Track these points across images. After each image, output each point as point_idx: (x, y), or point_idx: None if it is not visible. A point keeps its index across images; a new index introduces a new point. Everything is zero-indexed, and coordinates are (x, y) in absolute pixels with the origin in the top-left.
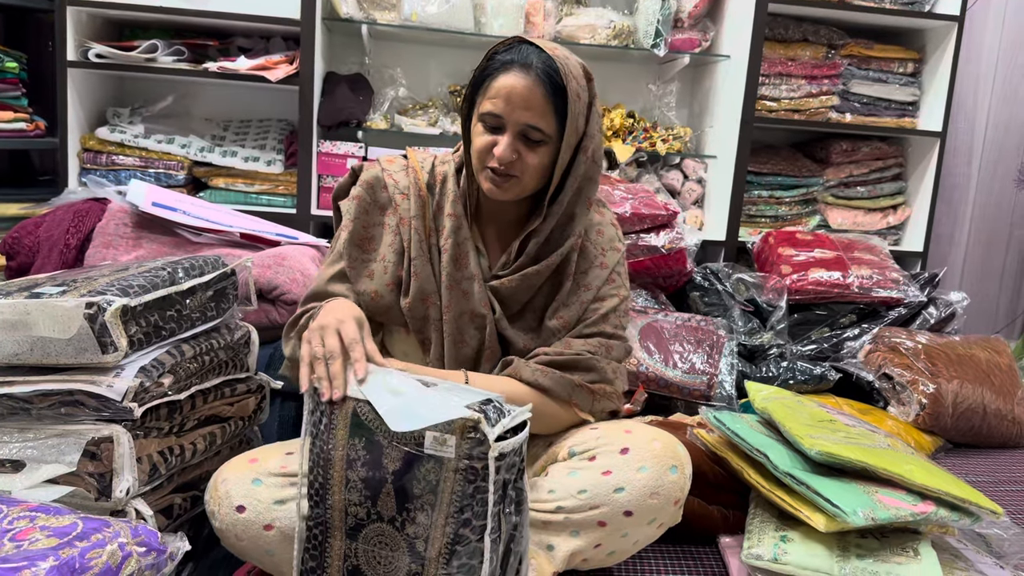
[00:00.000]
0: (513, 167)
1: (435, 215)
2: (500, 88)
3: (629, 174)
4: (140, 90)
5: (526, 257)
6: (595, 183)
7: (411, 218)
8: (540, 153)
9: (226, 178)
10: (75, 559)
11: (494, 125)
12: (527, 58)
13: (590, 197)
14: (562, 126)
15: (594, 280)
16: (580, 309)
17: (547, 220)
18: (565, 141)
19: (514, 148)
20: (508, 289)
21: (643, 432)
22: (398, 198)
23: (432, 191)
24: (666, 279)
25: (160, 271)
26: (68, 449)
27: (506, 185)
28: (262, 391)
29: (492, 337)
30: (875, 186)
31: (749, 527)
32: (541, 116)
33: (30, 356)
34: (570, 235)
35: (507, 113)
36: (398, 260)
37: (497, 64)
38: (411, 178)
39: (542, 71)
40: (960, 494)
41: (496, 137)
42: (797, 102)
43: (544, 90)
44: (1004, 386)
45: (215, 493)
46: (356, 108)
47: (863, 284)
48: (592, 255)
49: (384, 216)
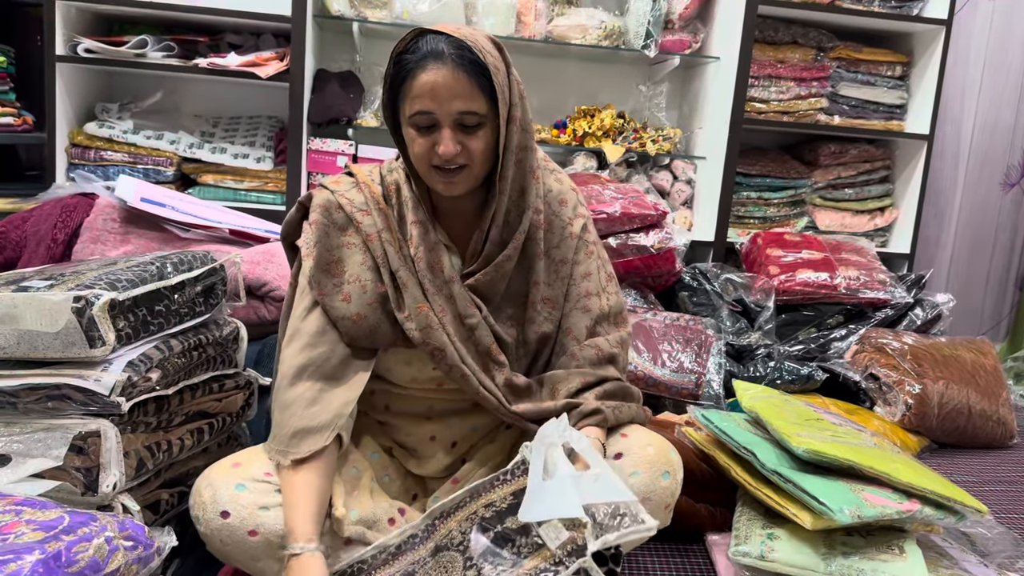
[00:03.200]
0: (459, 158)
1: (399, 225)
2: (422, 86)
3: (619, 174)
4: (129, 85)
5: (491, 244)
6: (532, 150)
7: (379, 231)
8: (481, 136)
9: (215, 175)
10: (62, 552)
11: (427, 124)
12: (437, 47)
13: (533, 166)
14: (493, 103)
15: (567, 252)
16: (563, 286)
17: (500, 199)
18: (501, 116)
19: (455, 140)
20: (484, 283)
21: (639, 437)
22: (358, 216)
23: (389, 202)
24: (655, 279)
25: (148, 266)
26: (54, 443)
27: (457, 179)
28: (250, 387)
29: (487, 335)
30: (863, 188)
31: (736, 525)
32: (472, 100)
33: (17, 350)
34: (526, 208)
35: (437, 108)
36: (375, 277)
37: (410, 64)
38: (366, 193)
39: (457, 56)
40: (945, 493)
41: (433, 136)
42: (786, 104)
43: (466, 73)
44: (989, 387)
45: (199, 498)
46: (346, 106)
47: (850, 285)
48: (558, 227)
49: (345, 236)
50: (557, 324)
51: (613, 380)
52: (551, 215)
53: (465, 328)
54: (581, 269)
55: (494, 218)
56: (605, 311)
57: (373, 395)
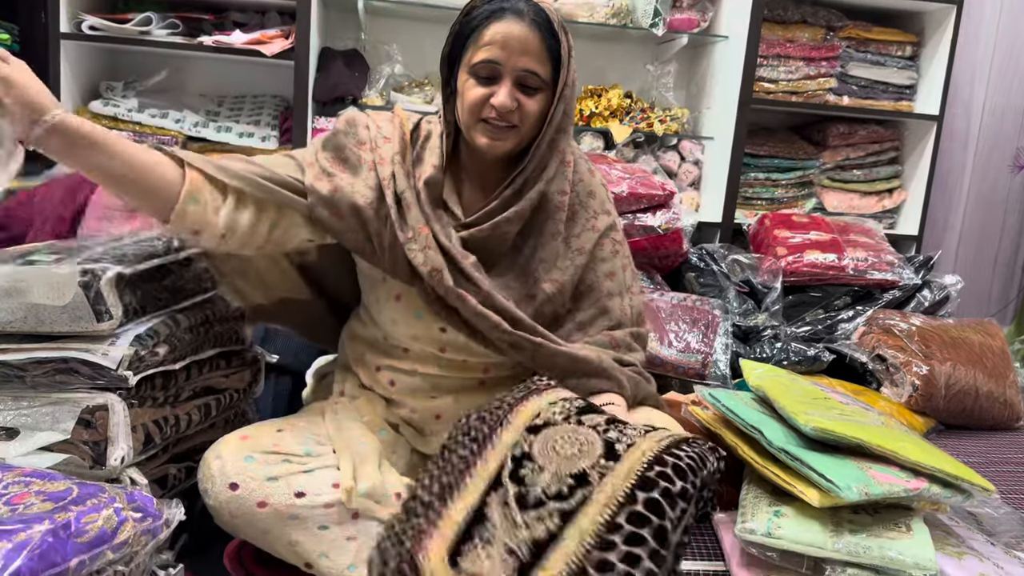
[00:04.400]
0: (512, 116)
1: (414, 163)
2: (495, 35)
3: (626, 155)
4: (134, 64)
5: (499, 202)
6: (567, 133)
7: (393, 155)
8: (537, 100)
9: (220, 153)
10: (71, 523)
11: (489, 75)
12: (517, 4)
13: (562, 148)
14: (556, 74)
15: (587, 243)
16: (576, 274)
17: (527, 168)
18: (559, 89)
19: (513, 96)
20: (478, 240)
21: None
22: (380, 140)
23: (414, 142)
24: (662, 259)
25: (156, 241)
26: (62, 417)
27: (505, 136)
28: (257, 364)
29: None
30: (871, 169)
31: (742, 503)
32: (539, 62)
33: (24, 324)
34: (539, 181)
35: (505, 59)
36: (374, 197)
37: (485, 13)
38: (396, 125)
39: (536, 16)
40: (953, 471)
41: (492, 88)
42: (795, 84)
43: (540, 35)
44: (997, 369)
45: (208, 471)
46: (351, 84)
47: (858, 266)
48: (582, 217)
49: (360, 149)
50: (564, 309)
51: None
52: (576, 203)
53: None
54: (605, 268)
55: (513, 180)
56: (627, 315)
57: (379, 371)
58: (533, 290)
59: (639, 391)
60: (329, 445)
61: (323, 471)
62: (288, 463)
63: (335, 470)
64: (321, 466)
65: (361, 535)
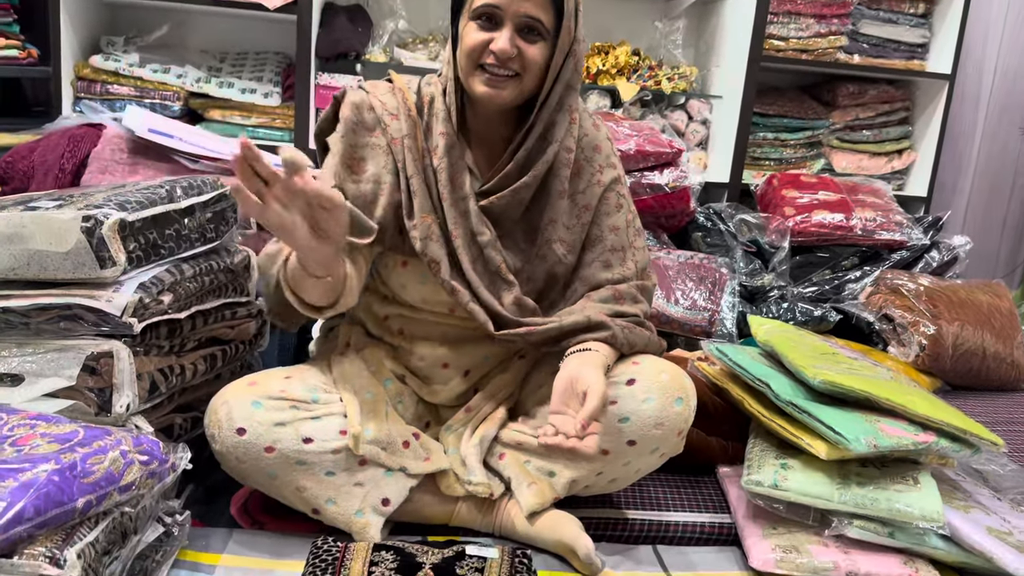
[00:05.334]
0: (513, 63)
1: (425, 135)
2: None
3: (633, 114)
4: (134, 19)
5: (514, 166)
6: (576, 91)
7: (403, 137)
8: (540, 48)
9: (223, 110)
10: (77, 463)
11: (490, 19)
12: None
13: (571, 105)
14: (558, 24)
15: (592, 199)
16: (582, 231)
17: (534, 128)
18: (560, 41)
19: (514, 42)
20: (498, 207)
21: (651, 364)
22: (387, 119)
23: (421, 112)
24: (669, 219)
25: (158, 188)
26: (67, 363)
27: (505, 84)
28: (263, 316)
29: (496, 255)
30: (881, 130)
31: (749, 456)
32: (542, 8)
33: (27, 270)
34: (552, 142)
35: (506, 4)
36: (394, 181)
37: None
38: (399, 98)
39: None
40: (961, 425)
41: (492, 33)
42: (805, 42)
43: None
44: (1004, 330)
45: (215, 416)
46: (355, 40)
47: (866, 226)
48: (587, 173)
49: (372, 137)
50: (571, 268)
51: (631, 316)
52: (582, 159)
53: (476, 245)
54: (609, 221)
55: (524, 141)
56: (631, 269)
57: (387, 319)
58: (544, 250)
59: (635, 340)
60: (336, 393)
61: (330, 418)
62: (296, 409)
63: (342, 417)
64: (328, 413)
65: (368, 482)
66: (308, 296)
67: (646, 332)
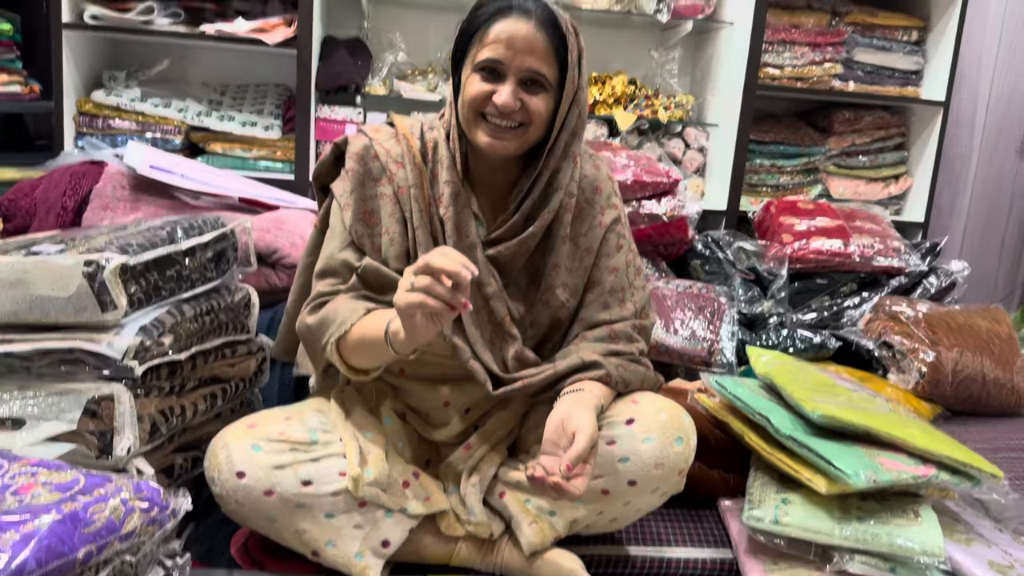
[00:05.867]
0: (516, 115)
1: (431, 183)
2: (500, 33)
3: (630, 142)
4: (136, 53)
5: (521, 215)
6: (580, 138)
7: (409, 187)
8: (544, 99)
9: (223, 143)
10: (78, 513)
11: (493, 72)
12: (524, 4)
13: (575, 151)
14: (562, 75)
15: (593, 241)
16: (584, 274)
17: (540, 176)
18: (565, 91)
19: (516, 95)
20: (506, 256)
21: (650, 403)
22: (392, 167)
23: (426, 159)
24: (667, 247)
25: (159, 230)
26: (69, 407)
27: (508, 135)
28: (262, 353)
29: (502, 306)
30: (877, 156)
31: (750, 490)
32: (545, 62)
33: (29, 315)
34: (557, 189)
35: (509, 59)
36: (402, 230)
37: (492, 10)
38: (403, 146)
39: (543, 17)
40: (961, 458)
41: (495, 85)
42: (800, 70)
43: (547, 35)
44: (1004, 355)
45: (215, 459)
46: (355, 73)
47: (864, 253)
48: (589, 215)
49: (379, 187)
50: (573, 311)
51: (626, 354)
52: (583, 201)
53: (481, 296)
54: (609, 263)
55: (531, 190)
56: (630, 309)
57: None
58: (547, 296)
59: (630, 378)
60: (336, 433)
61: (330, 459)
62: (295, 451)
63: (342, 458)
64: (328, 454)
65: (368, 523)
66: (365, 364)
67: (642, 369)
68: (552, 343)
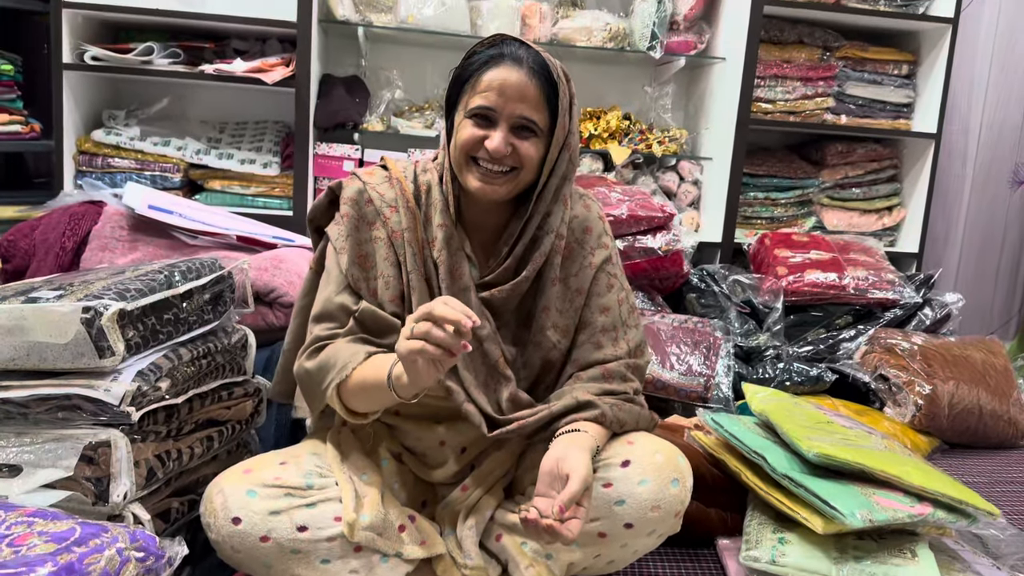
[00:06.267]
0: (507, 160)
1: (424, 226)
2: (492, 81)
3: (625, 176)
4: (136, 92)
5: (513, 259)
6: (571, 182)
7: (403, 230)
8: (535, 144)
9: (222, 180)
10: (74, 564)
11: (485, 119)
12: (516, 52)
13: (565, 195)
14: (553, 121)
15: (584, 282)
16: (576, 315)
17: (531, 220)
18: (555, 137)
19: (508, 141)
20: (499, 299)
21: (646, 444)
22: (386, 211)
23: (419, 202)
24: (663, 281)
25: (157, 274)
26: (65, 454)
27: (500, 180)
28: (259, 394)
29: (495, 348)
30: (870, 187)
31: (747, 529)
32: (536, 109)
33: (27, 361)
34: (548, 233)
35: (501, 106)
36: (397, 273)
37: (484, 58)
38: (397, 189)
39: (534, 64)
40: (957, 495)
41: (487, 131)
42: (792, 104)
43: (538, 83)
44: (1000, 387)
45: (210, 505)
46: (352, 110)
47: (859, 285)
48: (579, 256)
49: (373, 231)
50: (565, 352)
51: (620, 394)
52: (573, 242)
53: (475, 338)
54: (600, 302)
55: (522, 234)
56: (623, 348)
57: None
58: (538, 337)
59: (625, 418)
60: (332, 477)
61: (325, 504)
62: (290, 497)
63: (337, 503)
64: (323, 499)
65: (363, 568)
66: (366, 408)
67: (636, 408)
68: (545, 384)
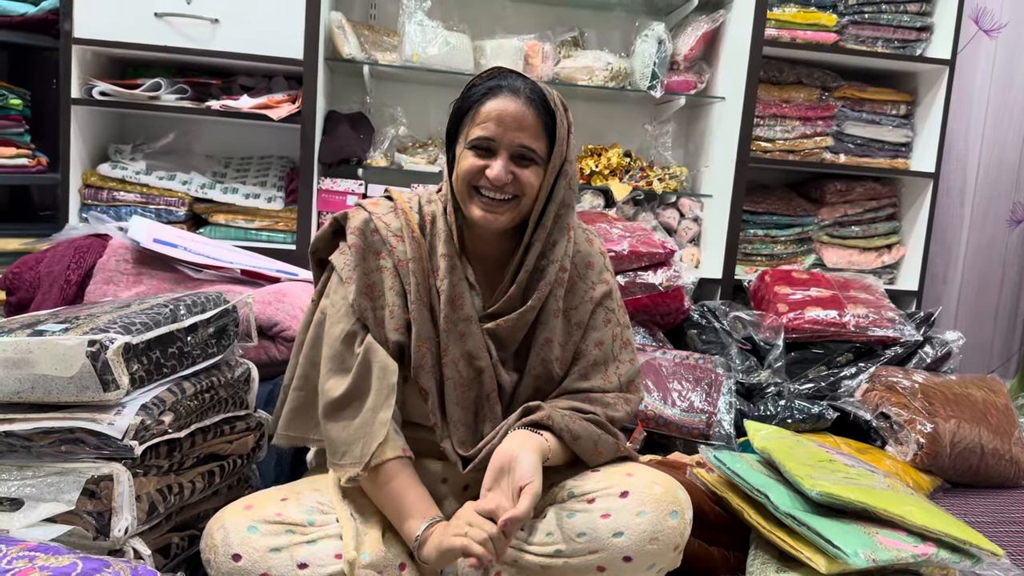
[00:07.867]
0: (509, 188)
1: (429, 256)
2: (491, 112)
3: (626, 212)
4: (142, 127)
5: (517, 287)
6: (572, 209)
7: (408, 260)
8: (535, 172)
9: (226, 214)
10: None
11: (486, 149)
12: (514, 83)
13: (569, 222)
14: (550, 150)
15: (583, 316)
16: (573, 348)
17: (532, 248)
18: (551, 164)
19: (508, 169)
20: (504, 330)
21: (644, 476)
22: (392, 240)
23: (424, 232)
24: (663, 317)
25: (162, 308)
26: (67, 487)
27: (502, 209)
28: (261, 429)
29: (492, 380)
30: (869, 225)
31: (750, 568)
32: (534, 138)
33: (31, 394)
34: (554, 261)
35: (500, 135)
36: (402, 303)
37: (483, 90)
38: (402, 220)
39: (532, 94)
40: (960, 535)
41: (488, 161)
42: (792, 143)
43: (536, 112)
44: (1001, 426)
45: (211, 541)
46: (357, 146)
47: (859, 323)
48: (580, 290)
49: (380, 260)
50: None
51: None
52: (575, 276)
53: (473, 369)
54: (595, 336)
55: (524, 263)
56: (612, 383)
57: None
58: (538, 369)
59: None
60: (333, 514)
61: (326, 541)
62: (291, 533)
63: (338, 540)
64: (324, 536)
65: None
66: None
67: (595, 429)
68: None
